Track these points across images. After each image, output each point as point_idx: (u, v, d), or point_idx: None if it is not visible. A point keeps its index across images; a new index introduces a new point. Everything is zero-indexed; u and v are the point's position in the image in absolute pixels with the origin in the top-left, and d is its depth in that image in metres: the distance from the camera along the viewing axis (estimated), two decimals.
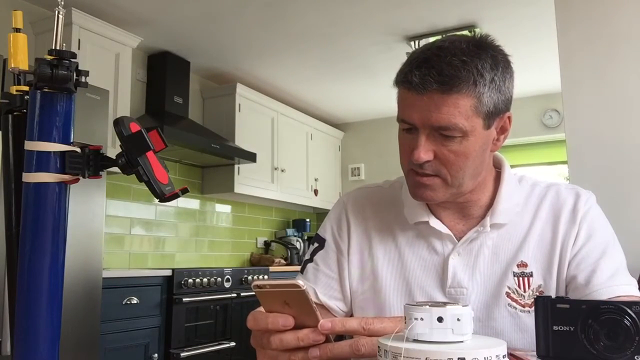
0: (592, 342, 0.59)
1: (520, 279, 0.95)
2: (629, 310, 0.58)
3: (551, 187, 1.02)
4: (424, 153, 0.88)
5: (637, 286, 0.93)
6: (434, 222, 0.99)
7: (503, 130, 0.95)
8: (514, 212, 0.98)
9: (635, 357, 0.58)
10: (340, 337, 0.82)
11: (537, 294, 0.94)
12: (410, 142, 0.90)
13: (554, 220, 0.98)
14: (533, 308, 0.93)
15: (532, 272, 0.95)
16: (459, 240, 0.98)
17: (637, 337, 0.58)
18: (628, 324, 0.58)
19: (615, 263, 0.94)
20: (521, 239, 0.97)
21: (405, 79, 0.88)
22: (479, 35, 0.90)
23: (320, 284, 1.04)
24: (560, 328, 0.61)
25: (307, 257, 1.09)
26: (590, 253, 0.95)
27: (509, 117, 0.94)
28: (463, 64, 0.85)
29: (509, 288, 0.95)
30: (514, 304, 0.94)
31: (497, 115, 0.90)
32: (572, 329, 0.60)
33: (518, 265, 0.95)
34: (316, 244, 1.09)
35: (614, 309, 0.58)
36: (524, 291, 0.94)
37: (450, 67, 0.84)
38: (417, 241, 1.01)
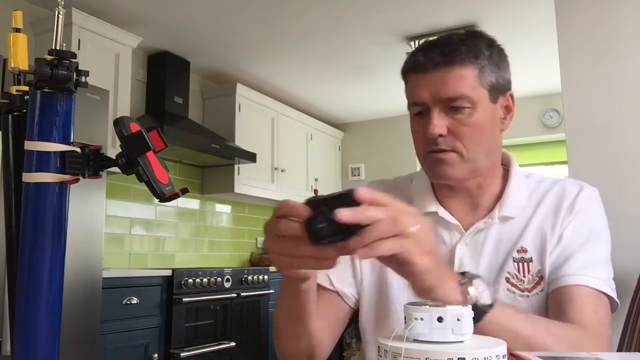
0: None
1: (520, 264, 0.97)
2: None
3: (558, 181, 1.05)
4: (438, 127, 0.92)
5: (610, 286, 0.94)
6: (443, 213, 1.02)
7: (508, 110, 1.01)
8: (522, 206, 1.01)
9: None
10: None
11: (537, 279, 0.96)
12: (423, 125, 0.95)
13: (556, 209, 1.00)
14: (532, 293, 0.96)
15: (531, 258, 0.97)
16: (466, 231, 1.00)
17: None
18: None
19: (592, 255, 0.96)
20: (522, 227, 0.99)
21: (410, 62, 0.96)
22: (473, 29, 0.98)
23: (334, 271, 1.06)
24: None
25: None
26: (572, 241, 0.97)
27: (511, 96, 1.01)
28: (462, 41, 0.94)
29: (509, 274, 0.97)
30: (513, 289, 0.96)
31: (499, 91, 0.97)
32: None
33: (518, 251, 0.98)
34: None
35: None
36: (524, 276, 0.97)
37: (451, 45, 0.94)
38: None
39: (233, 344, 3.51)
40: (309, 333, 0.92)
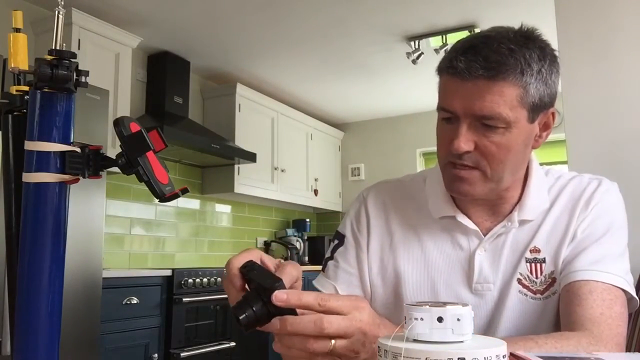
0: None
1: (532, 265, 0.93)
2: None
3: (575, 177, 1.00)
4: (465, 143, 0.85)
5: (626, 280, 0.89)
6: (461, 218, 0.96)
7: (546, 127, 0.93)
8: (542, 208, 0.95)
9: None
10: None
11: (549, 280, 0.92)
12: (449, 133, 0.88)
13: (572, 206, 0.95)
14: (544, 295, 0.91)
15: (544, 258, 0.93)
16: (485, 236, 0.96)
17: None
18: None
19: (606, 249, 0.91)
20: (537, 226, 0.95)
21: (450, 65, 0.85)
22: (526, 28, 0.88)
23: (340, 281, 1.02)
24: None
25: (327, 255, 1.07)
26: (586, 236, 0.92)
27: (552, 113, 0.92)
28: (511, 52, 0.83)
29: (521, 275, 0.93)
30: (524, 290, 0.92)
31: (541, 109, 0.88)
32: None
33: (531, 251, 0.93)
34: (336, 241, 1.07)
35: None
36: (536, 277, 0.92)
37: (498, 54, 0.82)
38: (441, 236, 0.99)
39: (233, 344, 3.51)
40: None
